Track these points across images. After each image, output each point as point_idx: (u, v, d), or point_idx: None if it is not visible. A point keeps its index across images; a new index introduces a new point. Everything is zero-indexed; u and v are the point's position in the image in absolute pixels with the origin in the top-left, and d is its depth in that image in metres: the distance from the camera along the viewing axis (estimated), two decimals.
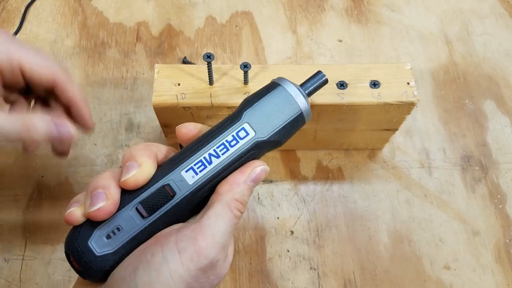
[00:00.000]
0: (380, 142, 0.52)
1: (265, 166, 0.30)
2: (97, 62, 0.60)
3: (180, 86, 0.43)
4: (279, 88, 0.31)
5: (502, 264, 0.47)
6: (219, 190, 0.29)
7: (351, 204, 0.51)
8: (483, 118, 0.56)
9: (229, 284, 0.46)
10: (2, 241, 0.48)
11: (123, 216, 0.27)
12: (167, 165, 0.29)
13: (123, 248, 0.27)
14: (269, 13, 0.65)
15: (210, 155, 0.29)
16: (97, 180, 0.28)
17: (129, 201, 0.28)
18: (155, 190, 0.28)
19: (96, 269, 0.27)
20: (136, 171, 0.27)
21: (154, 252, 0.26)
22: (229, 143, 0.29)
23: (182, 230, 0.27)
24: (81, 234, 0.27)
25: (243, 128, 0.30)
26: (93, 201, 0.26)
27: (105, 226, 0.27)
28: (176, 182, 0.28)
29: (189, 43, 0.62)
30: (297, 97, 0.31)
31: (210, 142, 0.29)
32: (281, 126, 0.31)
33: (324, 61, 0.61)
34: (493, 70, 0.60)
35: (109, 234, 0.27)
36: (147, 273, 0.25)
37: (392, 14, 0.65)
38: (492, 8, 0.66)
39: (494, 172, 0.53)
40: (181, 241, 0.26)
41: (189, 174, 0.28)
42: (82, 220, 0.27)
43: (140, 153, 0.28)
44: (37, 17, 0.64)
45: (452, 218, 0.50)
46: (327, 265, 0.47)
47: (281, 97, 0.31)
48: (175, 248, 0.26)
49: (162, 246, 0.26)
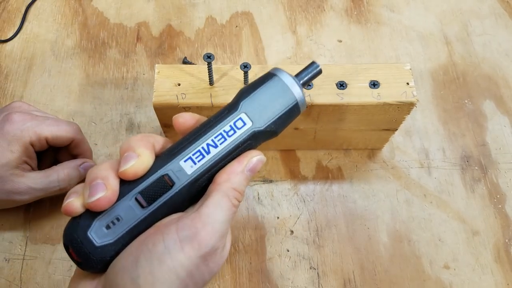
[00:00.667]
0: (379, 142, 0.52)
1: (262, 156, 0.31)
2: (97, 62, 0.60)
3: (180, 86, 0.43)
4: (275, 78, 0.31)
5: (501, 264, 0.47)
6: (217, 180, 0.29)
7: (350, 204, 0.51)
8: (482, 118, 0.57)
9: (229, 284, 0.46)
10: (2, 240, 0.48)
11: (122, 206, 0.28)
12: (165, 156, 0.29)
13: (123, 238, 0.27)
14: (269, 14, 0.65)
15: (208, 145, 0.29)
16: (95, 170, 0.28)
17: (128, 191, 0.28)
18: (154, 180, 0.28)
19: (96, 260, 0.27)
20: (135, 161, 0.27)
21: (155, 242, 0.26)
22: (227, 133, 0.30)
23: (182, 219, 0.27)
24: (80, 224, 0.27)
25: (240, 118, 0.30)
26: (92, 192, 0.27)
27: (105, 217, 0.27)
28: (175, 172, 0.28)
29: (189, 44, 0.62)
30: (293, 87, 0.31)
31: (208, 132, 0.29)
32: (277, 116, 0.31)
33: (324, 61, 0.61)
34: (492, 70, 0.60)
35: (109, 225, 0.27)
36: (149, 263, 0.25)
37: (392, 14, 0.65)
38: (491, 8, 0.66)
39: (494, 172, 0.53)
40: (182, 230, 0.26)
41: (187, 164, 0.29)
42: (81, 211, 0.27)
43: (138, 143, 0.29)
44: (38, 17, 0.64)
45: (451, 218, 0.50)
46: (327, 264, 0.47)
47: (277, 87, 0.31)
48: (176, 237, 0.26)
49: (163, 235, 0.26)
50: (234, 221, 0.50)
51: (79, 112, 0.56)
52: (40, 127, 0.43)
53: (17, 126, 0.42)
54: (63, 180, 0.44)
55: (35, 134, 0.43)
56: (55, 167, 0.45)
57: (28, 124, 0.43)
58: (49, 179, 0.44)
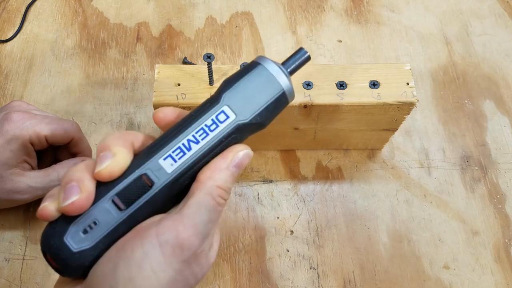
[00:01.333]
0: (379, 142, 0.52)
1: (248, 150, 0.29)
2: (97, 63, 0.60)
3: (180, 86, 0.43)
4: (259, 67, 0.29)
5: (501, 264, 0.47)
6: (200, 178, 0.27)
7: (350, 204, 0.51)
8: (482, 118, 0.57)
9: (229, 284, 0.46)
10: (2, 240, 0.48)
11: (99, 209, 0.26)
12: (144, 154, 0.28)
13: (101, 243, 0.26)
14: (269, 14, 0.65)
15: (189, 141, 0.27)
16: (71, 172, 0.26)
17: (105, 193, 0.26)
18: (131, 181, 0.26)
19: (75, 266, 0.26)
20: (110, 161, 0.26)
21: (134, 247, 0.25)
22: (209, 127, 0.28)
23: (162, 221, 0.25)
24: (56, 230, 0.26)
25: (223, 111, 0.28)
26: (66, 195, 0.25)
27: (81, 221, 0.26)
28: (154, 171, 0.27)
29: (189, 44, 0.62)
30: (278, 76, 0.29)
31: (188, 128, 0.28)
32: (263, 107, 0.29)
33: (323, 62, 0.61)
34: (492, 70, 0.60)
35: (86, 229, 0.26)
36: (128, 269, 0.24)
37: (392, 14, 0.65)
38: (491, 8, 0.66)
39: (494, 172, 0.53)
40: (162, 234, 0.25)
41: (167, 162, 0.27)
42: (57, 215, 0.26)
43: (114, 142, 0.27)
44: (38, 18, 0.64)
45: (451, 218, 0.50)
46: (327, 264, 0.47)
47: (262, 76, 0.29)
48: (155, 241, 0.24)
49: (142, 240, 0.25)
50: (234, 221, 0.50)
51: (79, 112, 0.56)
52: (39, 126, 0.43)
53: (17, 125, 0.42)
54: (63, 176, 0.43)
55: (35, 132, 0.42)
56: (54, 166, 0.45)
57: (27, 123, 0.42)
58: (49, 178, 0.44)
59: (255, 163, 0.53)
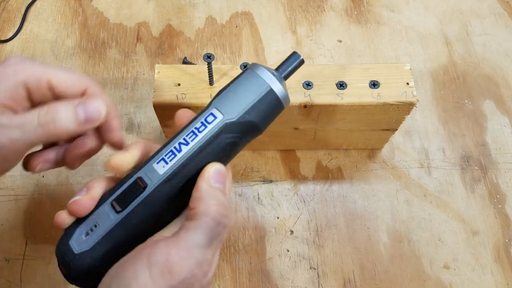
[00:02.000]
0: (379, 142, 0.52)
1: (219, 165, 0.29)
2: (97, 63, 0.60)
3: (180, 86, 0.43)
4: (248, 71, 0.31)
5: (501, 264, 0.47)
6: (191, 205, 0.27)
7: (350, 204, 0.51)
8: (482, 118, 0.57)
9: (229, 284, 0.46)
10: (2, 241, 0.48)
11: (99, 213, 0.28)
12: (144, 162, 0.29)
13: (98, 245, 0.27)
14: (269, 14, 0.65)
15: (180, 143, 0.29)
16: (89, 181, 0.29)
17: (107, 198, 0.28)
18: (128, 185, 0.28)
19: (75, 268, 0.26)
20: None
21: (128, 266, 0.24)
22: (198, 129, 0.29)
23: (158, 242, 0.25)
24: (65, 234, 0.28)
25: (211, 113, 0.29)
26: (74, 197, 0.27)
27: (85, 224, 0.28)
28: (148, 174, 0.28)
29: (189, 44, 0.62)
30: (264, 75, 0.30)
31: (181, 133, 0.29)
32: (250, 105, 0.30)
33: (324, 62, 0.61)
34: (492, 70, 0.60)
35: (88, 232, 0.27)
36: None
37: (392, 14, 0.65)
38: (491, 8, 0.66)
39: (494, 172, 0.53)
40: (154, 255, 0.24)
41: (160, 165, 0.28)
42: (69, 222, 0.28)
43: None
44: (38, 18, 0.64)
45: (451, 218, 0.50)
46: (327, 264, 0.47)
47: (248, 78, 0.30)
48: (145, 263, 0.24)
49: (136, 259, 0.25)
50: (234, 221, 0.50)
51: None
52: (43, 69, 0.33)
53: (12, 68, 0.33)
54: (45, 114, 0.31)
55: (34, 74, 0.32)
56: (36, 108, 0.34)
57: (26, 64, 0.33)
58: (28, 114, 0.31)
59: (255, 163, 0.53)
